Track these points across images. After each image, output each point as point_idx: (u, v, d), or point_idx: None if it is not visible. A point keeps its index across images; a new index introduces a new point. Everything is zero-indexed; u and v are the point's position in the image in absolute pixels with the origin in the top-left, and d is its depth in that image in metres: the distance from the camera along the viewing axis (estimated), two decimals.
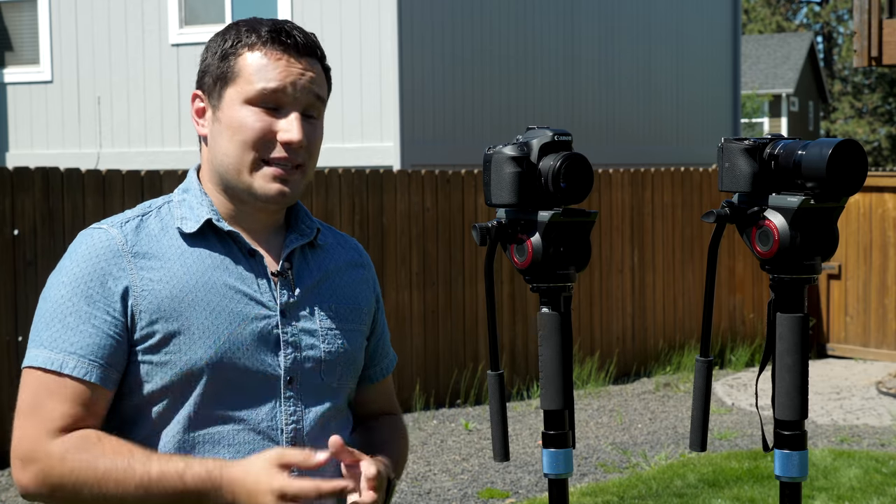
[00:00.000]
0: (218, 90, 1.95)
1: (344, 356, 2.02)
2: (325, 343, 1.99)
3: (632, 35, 15.55)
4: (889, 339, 10.65)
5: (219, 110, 1.95)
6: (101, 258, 1.91)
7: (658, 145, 16.05)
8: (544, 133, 1.87)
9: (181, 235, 1.95)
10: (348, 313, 2.05)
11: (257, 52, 1.93)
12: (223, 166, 1.95)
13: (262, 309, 1.95)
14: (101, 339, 1.88)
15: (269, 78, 1.91)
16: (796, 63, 43.67)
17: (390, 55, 11.86)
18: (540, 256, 1.83)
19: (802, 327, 1.79)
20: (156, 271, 1.91)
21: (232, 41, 1.95)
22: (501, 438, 1.89)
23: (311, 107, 1.95)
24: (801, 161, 1.76)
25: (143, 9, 13.16)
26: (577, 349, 9.52)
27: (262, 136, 1.92)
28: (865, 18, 9.87)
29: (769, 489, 6.39)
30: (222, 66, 1.95)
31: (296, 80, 1.92)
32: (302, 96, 1.93)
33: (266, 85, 1.91)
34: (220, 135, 1.95)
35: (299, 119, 1.93)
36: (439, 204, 8.81)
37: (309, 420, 1.96)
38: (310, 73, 1.94)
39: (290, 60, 1.93)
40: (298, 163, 1.95)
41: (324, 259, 2.06)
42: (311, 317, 1.99)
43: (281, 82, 1.92)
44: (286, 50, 1.93)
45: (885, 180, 10.73)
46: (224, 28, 2.01)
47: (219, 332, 1.90)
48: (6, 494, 6.34)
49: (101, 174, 7.24)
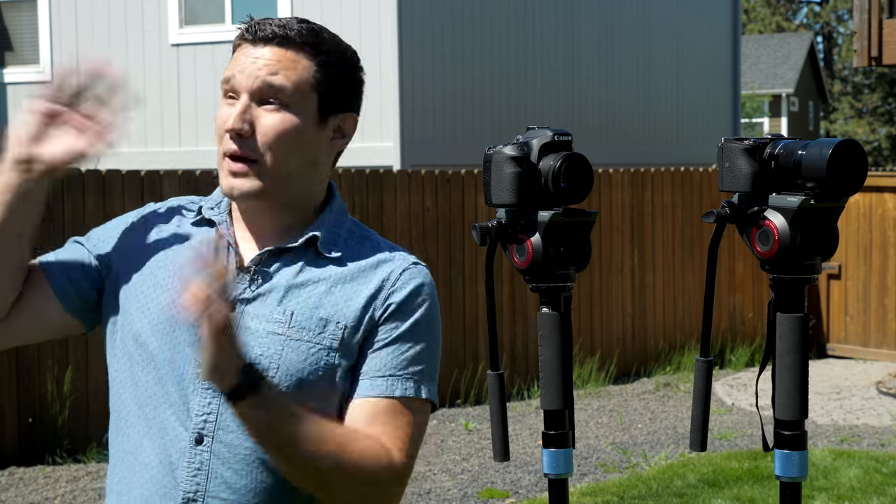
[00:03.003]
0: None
1: (280, 364, 1.88)
2: (261, 346, 1.88)
3: (632, 35, 15.55)
4: (889, 339, 10.65)
5: None
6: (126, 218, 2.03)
7: (658, 145, 16.05)
8: (544, 133, 1.87)
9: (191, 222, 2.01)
10: (308, 323, 1.90)
11: (237, 48, 1.95)
12: None
13: None
14: (75, 256, 1.99)
15: (229, 68, 1.92)
16: (796, 63, 43.67)
17: (390, 55, 11.86)
18: (540, 256, 1.83)
19: (802, 327, 1.79)
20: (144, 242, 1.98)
21: (233, 42, 1.99)
22: (501, 438, 1.89)
23: (264, 93, 1.89)
24: (802, 161, 1.76)
25: (143, 9, 13.16)
26: (577, 349, 9.52)
27: (219, 128, 1.91)
28: (865, 18, 9.87)
29: (769, 489, 6.39)
30: None
31: (245, 66, 1.89)
32: (250, 82, 1.88)
33: (225, 74, 1.92)
34: None
35: (243, 105, 1.88)
36: (439, 204, 8.81)
37: (225, 417, 1.87)
38: (263, 60, 1.89)
39: (246, 49, 1.92)
40: (250, 156, 1.88)
41: (326, 270, 1.95)
42: (259, 318, 1.90)
43: (231, 70, 1.91)
44: (247, 41, 1.92)
45: (885, 180, 10.74)
46: None
47: (150, 306, 1.92)
48: (6, 494, 6.35)
49: (101, 174, 7.24)
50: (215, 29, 12.91)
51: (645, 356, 10.18)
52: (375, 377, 1.90)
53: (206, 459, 1.88)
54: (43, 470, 6.77)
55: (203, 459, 1.88)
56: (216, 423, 1.88)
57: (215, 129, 1.92)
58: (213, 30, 12.92)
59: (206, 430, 1.88)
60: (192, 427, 1.88)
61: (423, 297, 1.94)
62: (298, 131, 1.90)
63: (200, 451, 1.87)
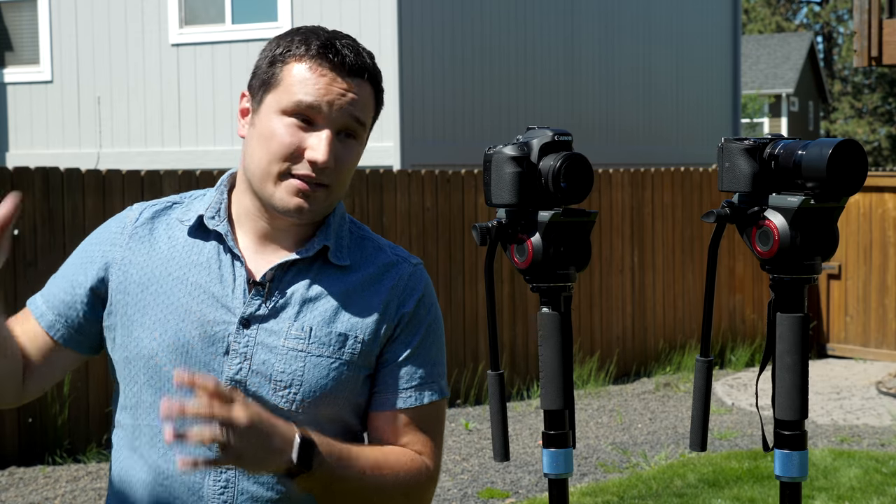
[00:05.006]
0: (260, 94, 1.93)
1: (303, 381, 1.91)
2: (283, 363, 1.90)
3: (632, 35, 15.55)
4: (889, 339, 10.66)
5: (257, 115, 1.94)
6: (109, 229, 2.02)
7: (658, 145, 16.05)
8: (544, 133, 1.87)
9: (187, 227, 1.98)
10: (328, 339, 1.93)
11: (304, 63, 1.89)
12: (250, 171, 1.94)
13: (224, 313, 1.92)
14: (68, 294, 2.00)
15: (307, 92, 1.88)
16: (796, 63, 43.68)
17: (390, 55, 11.86)
18: (540, 256, 1.83)
19: (802, 327, 1.79)
20: (140, 256, 1.97)
21: (283, 48, 1.92)
22: (501, 438, 1.89)
23: (346, 128, 1.91)
24: (802, 161, 1.76)
25: (143, 9, 13.17)
26: (577, 349, 9.52)
27: (290, 150, 1.88)
28: (865, 18, 9.87)
29: (769, 489, 6.39)
30: (269, 72, 1.92)
31: (334, 99, 1.88)
32: (338, 117, 1.89)
33: (303, 98, 1.88)
34: (254, 139, 1.93)
35: (330, 139, 1.88)
36: (439, 204, 8.81)
37: None
38: (351, 94, 1.90)
39: (333, 78, 1.89)
40: (324, 182, 1.90)
41: (336, 280, 1.97)
42: (278, 333, 1.92)
43: (318, 99, 1.88)
44: (332, 67, 1.89)
45: (885, 180, 10.74)
46: (284, 32, 1.98)
47: (166, 327, 1.91)
48: (6, 494, 6.35)
49: (101, 174, 7.24)
50: (215, 29, 12.92)
51: (645, 356, 10.18)
52: (405, 389, 1.98)
53: (232, 476, 1.91)
54: (43, 470, 6.77)
55: (229, 476, 1.91)
56: None
57: (276, 146, 1.89)
58: (213, 30, 12.93)
59: None
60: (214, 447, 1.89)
61: (429, 299, 2.02)
62: (359, 159, 1.98)
63: (226, 467, 1.88)
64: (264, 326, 1.92)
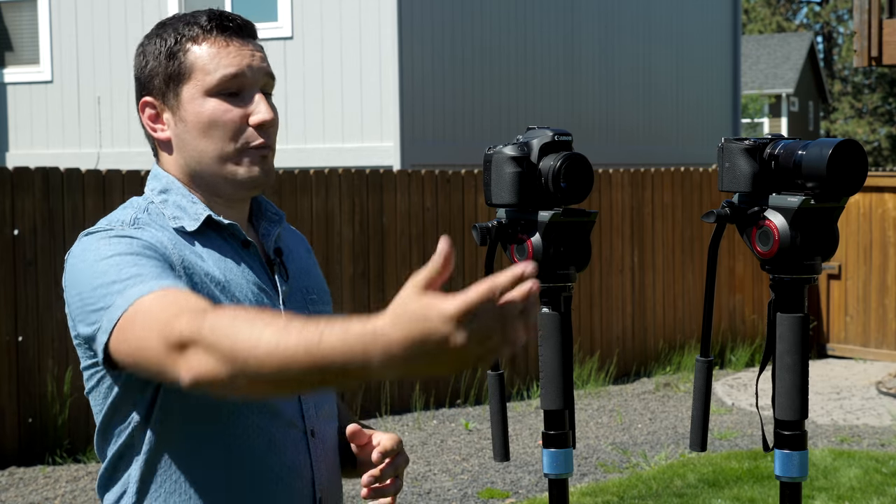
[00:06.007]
0: (173, 90, 1.92)
1: None
2: None
3: (632, 35, 15.55)
4: (889, 339, 10.65)
5: (180, 109, 1.92)
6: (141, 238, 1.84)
7: (658, 145, 16.05)
8: (544, 133, 1.87)
9: (180, 234, 1.91)
10: (324, 296, 2.06)
11: (204, 43, 1.91)
12: (201, 163, 1.92)
13: (270, 299, 1.94)
14: (172, 274, 1.80)
15: (224, 65, 1.90)
16: (796, 63, 43.66)
17: (390, 55, 11.85)
18: (540, 256, 1.83)
19: (802, 327, 1.79)
20: (198, 257, 1.89)
21: (174, 38, 1.92)
22: (501, 438, 1.89)
23: (266, 85, 1.94)
24: (802, 161, 1.76)
25: (143, 9, 13.16)
26: (577, 349, 9.52)
27: (236, 125, 1.90)
28: (865, 18, 9.87)
29: (769, 489, 6.39)
30: (172, 65, 1.91)
31: (249, 62, 1.92)
32: (259, 77, 1.92)
33: (224, 72, 1.89)
34: (190, 133, 1.92)
35: (263, 98, 1.92)
36: (439, 204, 8.81)
37: (322, 403, 1.97)
38: (258, 53, 1.94)
39: (238, 45, 1.92)
40: (271, 144, 1.94)
41: (290, 244, 2.07)
42: (301, 303, 1.99)
43: (238, 67, 1.90)
44: (231, 35, 1.92)
45: (885, 180, 10.73)
46: (156, 28, 1.96)
47: None
48: (6, 494, 6.34)
49: (101, 174, 7.24)
50: None
51: (645, 356, 10.18)
52: None
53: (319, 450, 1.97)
54: (43, 470, 6.77)
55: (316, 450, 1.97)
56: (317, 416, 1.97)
57: (221, 126, 1.89)
58: None
59: (313, 420, 1.96)
60: (304, 425, 1.94)
61: None
62: None
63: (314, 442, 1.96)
64: (294, 301, 1.98)
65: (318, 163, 11.71)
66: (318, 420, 1.96)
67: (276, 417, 1.89)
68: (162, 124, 1.95)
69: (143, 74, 1.95)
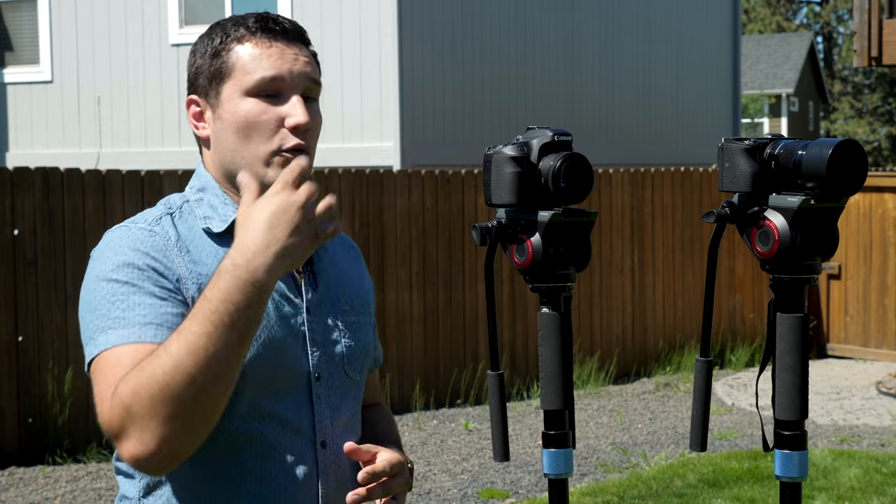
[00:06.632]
0: (214, 88, 1.93)
1: (361, 349, 2.01)
2: (346, 338, 1.98)
3: (632, 35, 15.55)
4: (889, 339, 10.65)
5: (219, 108, 1.93)
6: (149, 252, 1.85)
7: (658, 145, 16.05)
8: (544, 133, 1.86)
9: (208, 235, 1.92)
10: (360, 305, 2.04)
11: (247, 43, 1.91)
12: (234, 163, 1.92)
13: (291, 307, 1.93)
14: (164, 307, 1.81)
15: (264, 66, 1.90)
16: (796, 63, 43.67)
17: (390, 55, 11.86)
18: (540, 256, 1.83)
19: (802, 327, 1.79)
20: (201, 266, 1.88)
21: (220, 38, 1.94)
22: (501, 438, 1.89)
23: (308, 90, 1.94)
24: (802, 161, 1.76)
25: (143, 9, 13.17)
26: (577, 349, 9.52)
27: (271, 125, 1.89)
28: (865, 18, 9.87)
29: (769, 489, 6.39)
30: (215, 64, 1.93)
31: (291, 66, 1.91)
32: (300, 81, 1.92)
33: (264, 74, 1.90)
34: (225, 132, 1.92)
35: (302, 101, 1.91)
36: (439, 204, 8.81)
37: (338, 414, 1.95)
38: (302, 57, 1.93)
39: (281, 47, 1.92)
40: (306, 148, 1.93)
41: (330, 250, 2.03)
42: (332, 312, 1.97)
43: (278, 70, 1.90)
44: (276, 37, 1.92)
45: (885, 180, 10.74)
46: (208, 28, 1.98)
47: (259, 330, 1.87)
48: (6, 494, 6.34)
49: (101, 174, 7.24)
50: None
51: (645, 356, 10.18)
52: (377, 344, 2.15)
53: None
54: (43, 470, 6.77)
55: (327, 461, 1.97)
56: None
57: (257, 126, 1.89)
58: None
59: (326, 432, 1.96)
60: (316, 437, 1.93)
61: None
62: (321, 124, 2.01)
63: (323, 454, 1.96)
64: (322, 309, 1.96)
65: (318, 163, 11.65)
66: (333, 431, 1.94)
67: (281, 425, 1.88)
68: (204, 122, 1.97)
69: (191, 73, 1.97)
